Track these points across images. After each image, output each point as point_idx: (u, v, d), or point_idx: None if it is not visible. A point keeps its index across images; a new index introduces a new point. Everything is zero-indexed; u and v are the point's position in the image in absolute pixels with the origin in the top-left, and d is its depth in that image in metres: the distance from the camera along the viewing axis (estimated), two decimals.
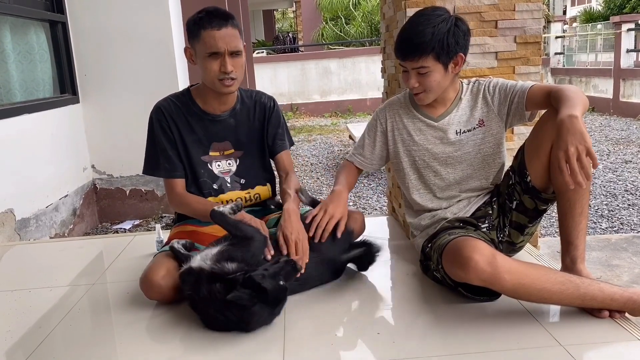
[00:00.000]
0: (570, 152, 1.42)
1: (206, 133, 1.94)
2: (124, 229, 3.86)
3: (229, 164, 1.98)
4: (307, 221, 1.81)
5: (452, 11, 1.74)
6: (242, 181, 1.99)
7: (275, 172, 2.10)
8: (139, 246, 2.43)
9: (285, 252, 1.71)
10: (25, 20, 3.44)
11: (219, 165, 1.96)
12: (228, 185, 1.97)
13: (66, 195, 3.57)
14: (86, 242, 2.76)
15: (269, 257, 1.69)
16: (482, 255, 1.46)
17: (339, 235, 1.82)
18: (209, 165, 1.96)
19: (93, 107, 3.93)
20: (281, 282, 1.54)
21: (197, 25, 1.80)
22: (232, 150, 1.98)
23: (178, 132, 1.91)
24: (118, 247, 2.45)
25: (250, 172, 2.01)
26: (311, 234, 1.79)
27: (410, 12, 2.04)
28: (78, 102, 3.88)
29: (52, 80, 3.71)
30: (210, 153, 1.95)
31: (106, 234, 3.77)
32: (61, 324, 1.71)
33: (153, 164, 1.94)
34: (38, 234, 3.17)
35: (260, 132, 2.02)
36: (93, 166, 4.00)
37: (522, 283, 1.46)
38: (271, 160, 2.09)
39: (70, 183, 3.66)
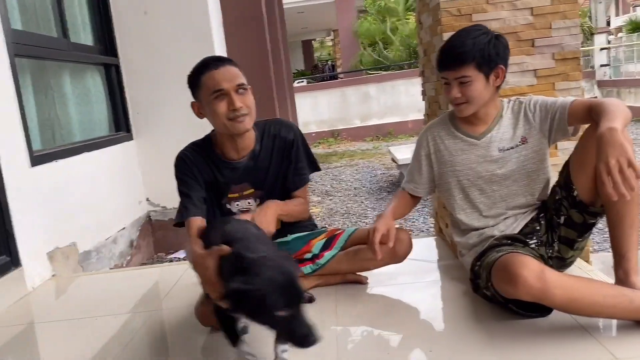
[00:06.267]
0: (612, 164, 1.42)
1: (225, 179, 1.91)
2: (178, 258, 3.99)
3: (249, 203, 1.94)
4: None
5: None
6: None
7: None
8: (194, 274, 2.52)
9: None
10: (82, 65, 3.69)
11: (237, 205, 1.94)
12: None
13: (124, 228, 3.74)
14: (144, 271, 2.89)
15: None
16: (530, 270, 1.46)
17: (390, 245, 1.83)
18: (227, 205, 1.95)
19: (146, 143, 4.13)
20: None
21: (195, 75, 1.82)
22: (252, 190, 1.94)
23: (199, 178, 1.88)
24: (174, 275, 2.55)
25: None
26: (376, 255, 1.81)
27: (446, 36, 2.08)
28: (132, 139, 4.09)
29: (107, 119, 3.94)
30: (229, 195, 1.94)
31: (162, 263, 3.91)
32: (127, 347, 1.81)
33: (179, 211, 1.84)
34: (99, 265, 3.33)
35: (283, 168, 1.96)
36: (148, 199, 4.18)
37: (572, 297, 1.45)
38: None
39: (127, 216, 3.84)
